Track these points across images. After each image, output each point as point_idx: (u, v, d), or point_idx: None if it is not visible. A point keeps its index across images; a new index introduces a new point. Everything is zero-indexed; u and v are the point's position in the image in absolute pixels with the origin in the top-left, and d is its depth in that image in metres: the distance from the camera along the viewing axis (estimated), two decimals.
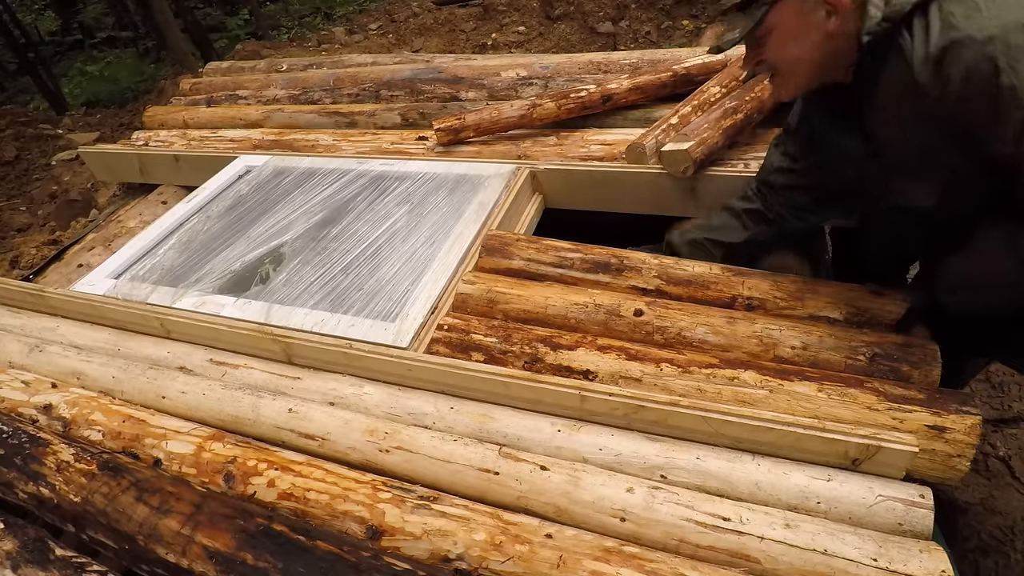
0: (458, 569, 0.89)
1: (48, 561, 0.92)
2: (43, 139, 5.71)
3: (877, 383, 1.09)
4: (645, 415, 1.05)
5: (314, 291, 1.54)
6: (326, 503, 1.00)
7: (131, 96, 7.98)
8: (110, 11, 10.64)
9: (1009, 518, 1.74)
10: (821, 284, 1.32)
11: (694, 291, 1.37)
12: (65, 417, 1.26)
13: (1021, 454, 1.90)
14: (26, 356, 1.49)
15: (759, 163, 1.70)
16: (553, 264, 1.50)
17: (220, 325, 1.41)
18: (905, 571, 0.82)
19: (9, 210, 4.67)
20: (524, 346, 1.29)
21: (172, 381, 1.32)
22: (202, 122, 2.79)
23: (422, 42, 6.74)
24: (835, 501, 0.93)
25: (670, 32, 5.56)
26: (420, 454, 1.07)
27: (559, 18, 6.21)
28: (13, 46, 8.19)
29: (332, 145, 2.32)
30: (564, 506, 0.97)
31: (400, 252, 1.61)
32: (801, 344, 1.20)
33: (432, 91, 2.51)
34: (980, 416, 1.01)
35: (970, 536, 1.73)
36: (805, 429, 0.96)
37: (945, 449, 1.01)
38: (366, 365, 1.28)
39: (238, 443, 1.14)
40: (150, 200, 2.46)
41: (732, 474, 0.98)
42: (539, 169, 1.83)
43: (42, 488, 1.07)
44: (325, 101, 2.72)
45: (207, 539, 0.91)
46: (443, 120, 2.08)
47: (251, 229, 1.85)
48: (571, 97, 2.03)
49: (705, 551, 0.89)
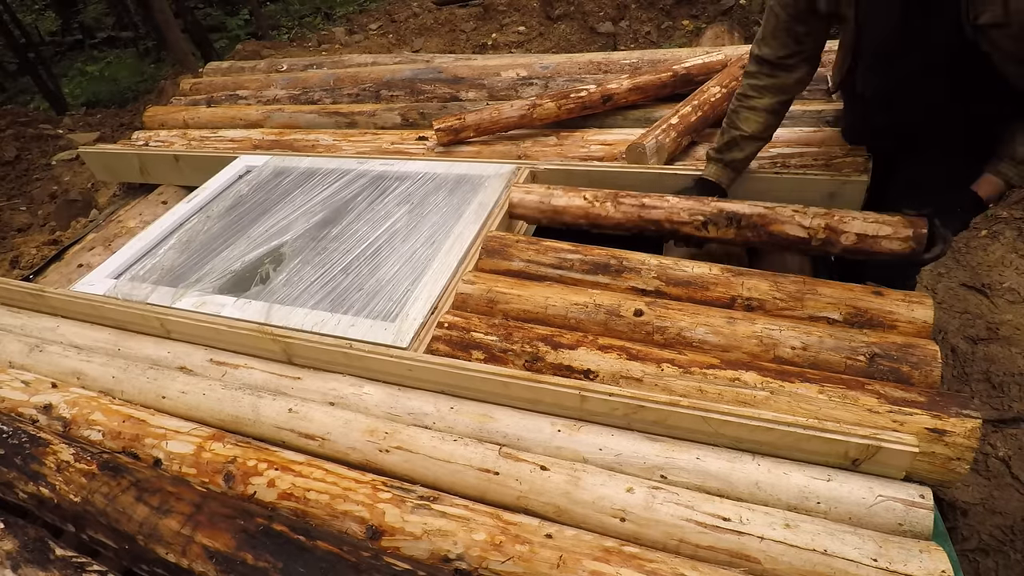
0: (458, 569, 0.89)
1: (48, 561, 0.92)
2: (43, 139, 5.71)
3: (878, 385, 1.09)
4: (645, 415, 1.05)
5: (314, 291, 1.54)
6: (326, 503, 1.00)
7: (131, 96, 7.99)
8: (110, 11, 10.65)
9: (1009, 518, 1.74)
10: (821, 284, 1.32)
11: (693, 292, 1.38)
12: (65, 417, 1.26)
13: (1021, 454, 1.90)
14: (26, 356, 1.49)
15: (759, 163, 1.70)
16: (553, 265, 1.50)
17: (220, 325, 1.41)
18: (905, 571, 0.82)
19: (9, 210, 4.67)
20: (525, 345, 1.29)
21: (172, 381, 1.32)
22: (202, 122, 2.79)
23: (422, 42, 6.74)
24: (835, 501, 0.93)
25: (670, 32, 5.56)
26: (420, 454, 1.07)
27: (559, 18, 6.21)
28: (13, 46, 8.19)
29: (332, 145, 2.32)
30: (564, 506, 0.97)
31: (400, 252, 1.61)
32: (801, 344, 1.20)
33: (432, 91, 2.51)
34: (980, 419, 1.01)
35: (970, 536, 1.73)
36: (805, 429, 0.96)
37: (945, 452, 1.01)
38: (366, 365, 1.28)
39: (238, 443, 1.14)
40: (150, 200, 2.46)
41: (732, 474, 0.98)
42: (539, 169, 1.83)
43: (42, 488, 1.07)
44: (325, 101, 2.73)
45: (207, 539, 0.91)
46: (443, 120, 2.08)
47: (251, 229, 1.85)
48: (571, 97, 2.03)
49: (705, 551, 0.89)
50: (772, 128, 1.53)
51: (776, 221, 1.42)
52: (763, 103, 1.47)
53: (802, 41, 1.40)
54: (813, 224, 1.39)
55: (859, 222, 1.36)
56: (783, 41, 1.40)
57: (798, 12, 1.35)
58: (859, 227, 1.35)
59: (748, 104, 1.49)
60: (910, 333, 1.22)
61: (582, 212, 1.58)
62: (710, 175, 1.58)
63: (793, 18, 1.36)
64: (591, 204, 1.58)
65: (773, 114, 1.50)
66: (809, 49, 1.42)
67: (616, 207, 1.56)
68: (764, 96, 1.47)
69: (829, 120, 1.81)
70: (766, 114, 1.49)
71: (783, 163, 1.69)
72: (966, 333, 2.37)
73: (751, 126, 1.50)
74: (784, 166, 1.67)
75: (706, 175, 1.59)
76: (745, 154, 1.55)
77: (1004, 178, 1.28)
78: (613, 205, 1.57)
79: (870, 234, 1.34)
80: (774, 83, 1.45)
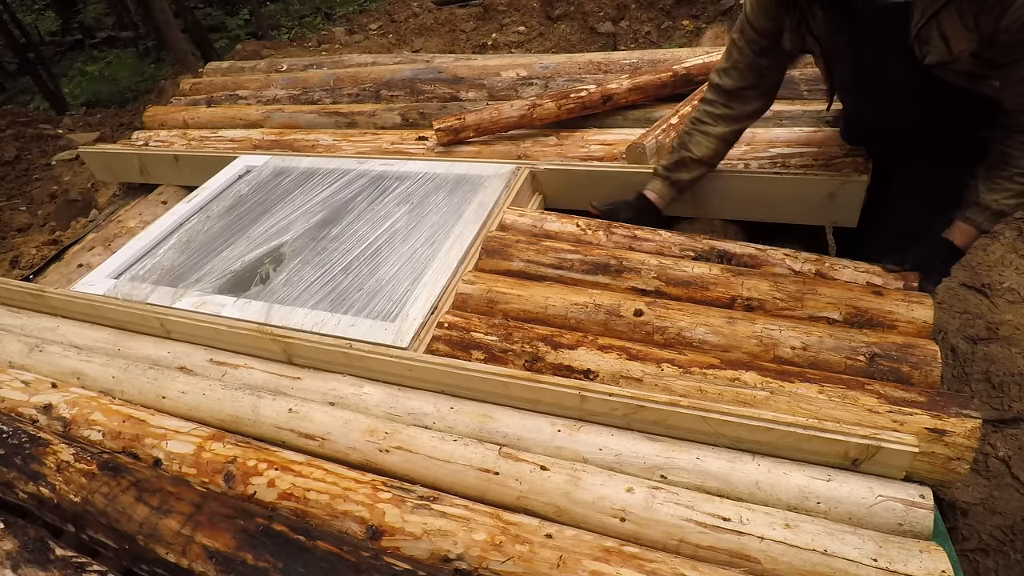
0: (458, 569, 0.89)
1: (48, 561, 0.92)
2: (43, 139, 5.72)
3: (878, 385, 1.09)
4: (645, 415, 1.05)
5: (314, 291, 1.54)
6: (326, 503, 1.00)
7: (131, 96, 8.00)
8: (110, 11, 10.65)
9: (1009, 518, 1.74)
10: (821, 284, 1.32)
11: (693, 292, 1.38)
12: (65, 417, 1.26)
13: (1021, 454, 1.90)
14: (26, 356, 1.49)
15: (759, 163, 1.71)
16: (553, 265, 1.50)
17: (220, 325, 1.41)
18: (905, 571, 0.82)
19: (9, 210, 4.67)
20: (525, 345, 1.29)
21: (172, 381, 1.32)
22: (202, 122, 2.79)
23: (422, 42, 6.75)
24: (835, 501, 0.93)
25: (670, 32, 5.57)
26: (420, 454, 1.07)
27: (559, 18, 6.21)
28: (13, 46, 8.20)
29: (332, 145, 2.32)
30: (564, 506, 0.97)
31: (400, 252, 1.61)
32: (801, 344, 1.20)
33: (432, 91, 2.51)
34: (980, 419, 1.01)
35: (970, 536, 1.73)
36: (805, 429, 0.96)
37: (945, 452, 1.00)
38: (366, 365, 1.28)
39: (238, 443, 1.14)
40: (150, 200, 2.46)
41: (732, 474, 0.98)
42: (539, 169, 1.83)
43: (42, 488, 1.07)
44: (325, 101, 2.73)
45: (207, 539, 0.91)
46: (443, 120, 2.08)
47: (251, 229, 1.85)
48: (571, 97, 2.03)
49: (705, 551, 0.89)
50: (720, 156, 1.56)
51: (767, 263, 1.43)
52: (716, 131, 1.50)
53: (763, 75, 1.43)
54: (804, 269, 1.40)
55: (850, 271, 1.36)
56: (744, 74, 1.43)
57: (762, 48, 1.37)
58: (849, 276, 1.36)
59: (702, 129, 1.52)
60: (910, 333, 1.22)
61: (573, 239, 1.58)
62: (654, 189, 1.61)
63: (757, 54, 1.38)
64: (583, 232, 1.59)
65: (724, 142, 1.53)
66: (769, 83, 1.46)
67: (608, 237, 1.57)
68: (718, 124, 1.50)
69: (829, 120, 1.81)
70: (718, 141, 1.51)
71: (783, 163, 1.69)
72: (966, 333, 2.37)
73: (701, 150, 1.52)
74: (784, 166, 1.67)
75: (650, 189, 1.61)
76: (691, 176, 1.57)
77: (974, 224, 1.28)
78: (605, 235, 1.58)
79: (860, 283, 1.34)
80: (729, 113, 1.48)
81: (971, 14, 1.04)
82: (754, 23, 1.34)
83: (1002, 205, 1.23)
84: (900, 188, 1.53)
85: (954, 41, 1.09)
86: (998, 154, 1.22)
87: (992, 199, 1.23)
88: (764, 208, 1.65)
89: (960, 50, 1.10)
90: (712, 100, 1.49)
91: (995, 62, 1.10)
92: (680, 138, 1.56)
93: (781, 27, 1.32)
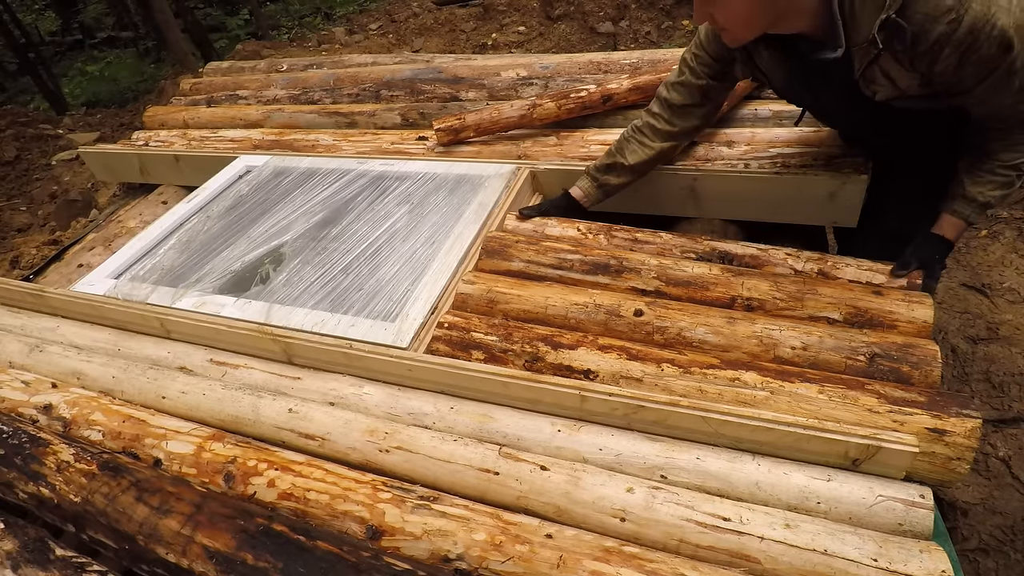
0: (458, 569, 0.89)
1: (48, 561, 0.92)
2: (43, 139, 5.72)
3: (878, 385, 1.09)
4: (645, 415, 1.05)
5: (314, 291, 1.54)
6: (326, 503, 1.00)
7: (131, 96, 8.00)
8: (110, 11, 10.65)
9: (1009, 518, 1.74)
10: (821, 284, 1.32)
11: (693, 292, 1.38)
12: (65, 417, 1.26)
13: (1021, 454, 1.90)
14: (26, 356, 1.49)
15: (759, 163, 1.70)
16: (553, 265, 1.50)
17: (220, 325, 1.41)
18: (905, 571, 0.82)
19: (9, 210, 4.68)
20: (525, 345, 1.29)
21: (172, 381, 1.32)
22: (202, 122, 2.79)
23: (422, 42, 6.75)
24: (835, 501, 0.93)
25: (670, 32, 5.57)
26: (420, 454, 1.07)
27: (559, 18, 6.21)
28: (13, 46, 8.20)
29: (332, 145, 2.32)
30: (564, 506, 0.97)
31: (400, 252, 1.61)
32: (801, 344, 1.20)
33: (432, 91, 2.51)
34: (980, 419, 1.01)
35: (970, 536, 1.73)
36: (805, 429, 0.96)
37: (945, 452, 1.00)
38: (366, 365, 1.28)
39: (238, 443, 1.14)
40: (150, 200, 2.46)
41: (732, 474, 0.98)
42: (539, 169, 1.83)
43: (42, 488, 1.07)
44: (325, 101, 2.72)
45: (207, 539, 0.91)
46: (443, 120, 2.08)
47: (251, 229, 1.85)
48: (571, 97, 2.03)
49: (705, 551, 0.89)
50: (651, 167, 1.58)
51: (769, 263, 1.43)
52: (655, 144, 1.52)
53: (709, 96, 1.46)
54: (806, 268, 1.39)
55: (852, 269, 1.36)
56: (692, 92, 1.44)
57: (715, 72, 1.40)
58: (852, 274, 1.36)
59: (640, 139, 1.53)
60: (910, 333, 1.22)
61: (574, 242, 1.59)
62: (581, 188, 1.63)
63: (708, 76, 1.40)
64: (584, 235, 1.60)
65: (659, 155, 1.54)
66: (712, 103, 1.49)
67: (609, 239, 1.58)
68: (656, 139, 1.51)
69: None
70: (654, 153, 1.53)
71: (783, 163, 1.69)
72: (966, 333, 2.37)
73: (635, 158, 1.53)
74: (784, 166, 1.67)
75: (578, 187, 1.64)
76: (620, 182, 1.59)
77: (962, 216, 1.28)
78: (606, 238, 1.58)
79: (863, 282, 1.34)
80: (671, 129, 1.50)
81: (906, 59, 1.07)
82: (707, 48, 1.37)
83: (988, 197, 1.24)
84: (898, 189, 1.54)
85: (899, 79, 1.12)
86: (977, 148, 1.22)
87: (978, 191, 1.24)
88: (764, 208, 1.65)
89: (907, 86, 1.13)
90: (657, 113, 1.51)
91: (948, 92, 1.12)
92: (618, 142, 1.58)
93: (733, 56, 1.34)
